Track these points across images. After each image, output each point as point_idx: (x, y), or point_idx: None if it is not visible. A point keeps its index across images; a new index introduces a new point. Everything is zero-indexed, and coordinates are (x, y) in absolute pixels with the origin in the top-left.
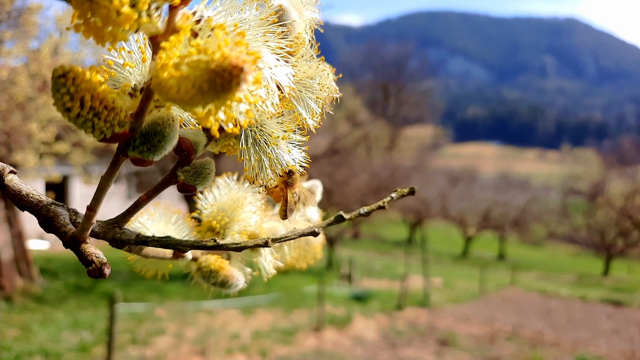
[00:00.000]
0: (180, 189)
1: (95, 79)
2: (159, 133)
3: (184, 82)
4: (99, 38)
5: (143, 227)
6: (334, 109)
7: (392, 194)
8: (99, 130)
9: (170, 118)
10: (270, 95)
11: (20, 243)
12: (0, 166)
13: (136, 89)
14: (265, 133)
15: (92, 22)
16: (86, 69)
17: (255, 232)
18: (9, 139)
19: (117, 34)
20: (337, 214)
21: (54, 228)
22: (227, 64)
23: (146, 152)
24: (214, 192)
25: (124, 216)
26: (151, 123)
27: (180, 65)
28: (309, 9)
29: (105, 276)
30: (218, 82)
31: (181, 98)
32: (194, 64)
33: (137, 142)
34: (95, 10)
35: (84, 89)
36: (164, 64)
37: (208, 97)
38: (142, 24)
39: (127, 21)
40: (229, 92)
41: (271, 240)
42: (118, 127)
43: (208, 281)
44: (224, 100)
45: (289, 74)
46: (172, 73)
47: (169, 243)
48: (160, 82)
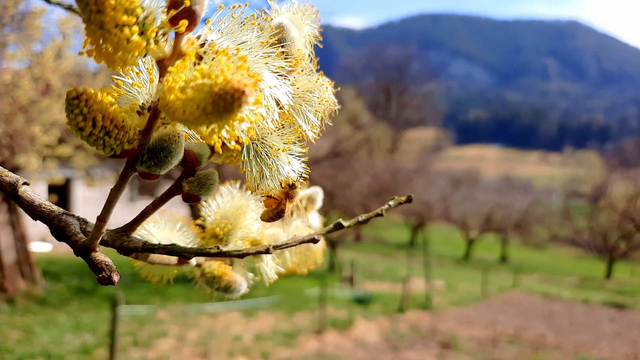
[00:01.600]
0: (185, 198)
1: (106, 100)
2: (165, 149)
3: (190, 104)
4: (110, 63)
5: (149, 234)
6: (336, 112)
7: (390, 202)
8: (110, 148)
9: (176, 134)
10: (270, 112)
11: (22, 245)
12: (15, 178)
13: (144, 107)
14: (266, 145)
15: (103, 49)
16: (98, 91)
17: (257, 239)
18: (12, 142)
19: (127, 60)
20: (336, 221)
21: (65, 237)
22: (230, 87)
23: (153, 166)
24: (218, 200)
25: (131, 225)
26: (158, 139)
27: (185, 89)
28: (308, 25)
29: (115, 283)
30: (221, 104)
31: (187, 119)
32: (198, 87)
33: (144, 157)
34: (107, 37)
35: (96, 110)
36: (171, 87)
37: (212, 117)
38: (150, 50)
39: (137, 48)
40: (231, 113)
41: (272, 247)
42: (127, 144)
43: (212, 286)
44: (227, 121)
45: (287, 92)
46: (179, 96)
47: (174, 250)
48: (167, 103)
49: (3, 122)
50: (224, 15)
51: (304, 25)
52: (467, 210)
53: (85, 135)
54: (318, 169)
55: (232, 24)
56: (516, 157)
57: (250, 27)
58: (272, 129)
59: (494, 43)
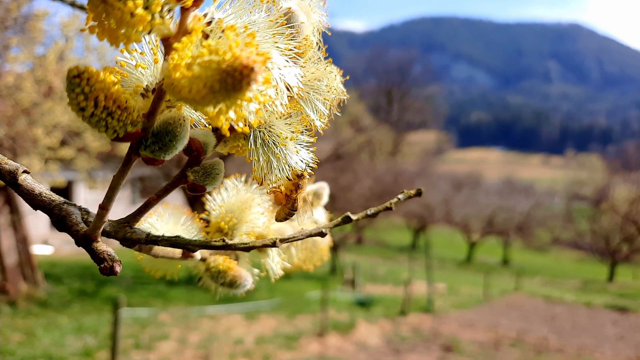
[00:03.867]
0: (190, 188)
1: (109, 79)
2: (170, 132)
3: (196, 81)
4: (113, 39)
5: (152, 227)
6: (338, 113)
7: (399, 195)
8: (112, 130)
9: (182, 118)
10: (280, 95)
11: (24, 248)
12: (15, 166)
13: (148, 89)
14: (273, 134)
15: (106, 24)
16: (100, 70)
17: (262, 233)
18: (15, 144)
19: (131, 35)
20: (344, 215)
21: (66, 227)
22: (238, 64)
23: (158, 151)
24: (222, 193)
25: (134, 216)
26: (163, 123)
27: (192, 66)
28: (316, 12)
29: (117, 273)
30: (229, 81)
31: (193, 97)
32: (205, 64)
33: (149, 141)
34: (110, 12)
35: (98, 89)
36: (177, 64)
37: (219, 96)
38: (155, 25)
39: (141, 22)
40: (239, 91)
41: (279, 240)
42: (131, 126)
43: (217, 281)
44: (235, 100)
45: (297, 75)
46: (184, 73)
47: (178, 242)
48: (173, 82)
49: (5, 125)
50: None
51: (313, 13)
52: (469, 213)
53: (87, 116)
54: (320, 171)
55: (241, 2)
56: (518, 159)
57: (259, 6)
58: (281, 114)
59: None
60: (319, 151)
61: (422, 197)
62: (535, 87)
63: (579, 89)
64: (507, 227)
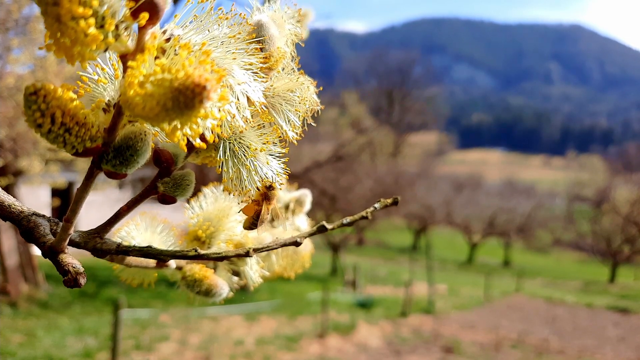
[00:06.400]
0: (160, 200)
1: (66, 96)
2: (131, 147)
3: (149, 99)
4: (69, 57)
5: (129, 236)
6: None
7: (376, 204)
8: (71, 145)
9: (143, 132)
10: (241, 110)
11: (25, 249)
12: None
13: (110, 104)
14: (243, 145)
15: (62, 42)
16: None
17: (241, 242)
18: (15, 145)
19: (85, 54)
20: (319, 224)
21: (33, 238)
22: (190, 82)
23: (119, 165)
24: (201, 201)
25: (104, 226)
26: (124, 137)
27: (144, 84)
28: (290, 23)
29: (81, 286)
30: (181, 99)
31: (147, 115)
32: (158, 82)
33: (110, 155)
34: (64, 31)
35: (55, 106)
36: (130, 82)
37: (172, 114)
38: (110, 44)
39: (94, 42)
40: (192, 109)
41: (253, 249)
42: (89, 142)
43: (192, 290)
44: (189, 117)
45: (259, 90)
46: (138, 91)
47: (149, 252)
48: (127, 99)
49: (6, 126)
50: (195, 10)
51: (286, 24)
52: (469, 214)
53: (44, 132)
54: (321, 172)
55: (203, 19)
56: (519, 161)
57: (222, 22)
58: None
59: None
60: (319, 152)
61: (423, 198)
62: (536, 88)
63: (580, 90)
64: (508, 228)
